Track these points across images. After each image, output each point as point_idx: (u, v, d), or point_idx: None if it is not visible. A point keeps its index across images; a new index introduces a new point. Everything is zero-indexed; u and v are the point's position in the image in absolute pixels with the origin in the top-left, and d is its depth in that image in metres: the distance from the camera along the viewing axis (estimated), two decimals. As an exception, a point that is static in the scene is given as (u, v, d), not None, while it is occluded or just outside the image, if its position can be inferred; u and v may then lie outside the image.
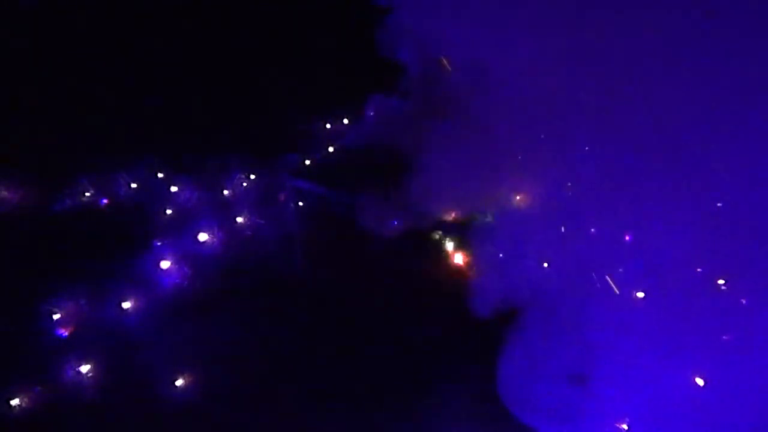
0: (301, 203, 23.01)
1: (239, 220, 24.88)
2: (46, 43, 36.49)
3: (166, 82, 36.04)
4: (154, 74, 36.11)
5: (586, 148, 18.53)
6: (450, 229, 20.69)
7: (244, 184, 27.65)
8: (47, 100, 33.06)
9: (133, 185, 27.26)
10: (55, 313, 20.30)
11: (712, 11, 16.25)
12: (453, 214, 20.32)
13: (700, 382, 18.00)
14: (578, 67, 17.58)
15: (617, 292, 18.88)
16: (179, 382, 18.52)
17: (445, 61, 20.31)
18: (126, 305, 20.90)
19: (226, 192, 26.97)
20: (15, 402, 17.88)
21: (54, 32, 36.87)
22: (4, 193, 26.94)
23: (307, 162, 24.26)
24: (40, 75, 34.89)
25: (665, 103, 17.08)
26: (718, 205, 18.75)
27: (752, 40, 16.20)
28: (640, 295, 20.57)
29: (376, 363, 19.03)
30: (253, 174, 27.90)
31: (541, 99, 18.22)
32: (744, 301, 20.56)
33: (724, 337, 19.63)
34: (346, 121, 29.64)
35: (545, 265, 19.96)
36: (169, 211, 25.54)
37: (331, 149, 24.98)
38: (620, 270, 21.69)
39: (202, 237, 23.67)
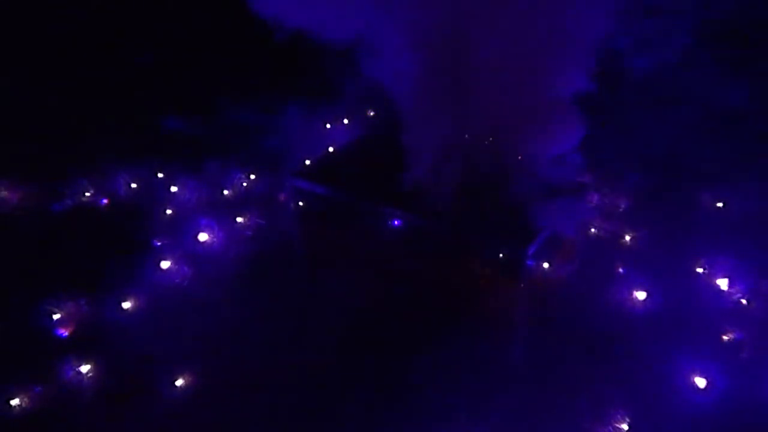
0: (301, 203, 22.97)
1: (239, 220, 24.90)
2: (46, 45, 36.57)
3: (167, 83, 36.15)
4: (154, 75, 36.24)
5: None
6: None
7: (244, 184, 27.72)
8: (47, 102, 33.18)
9: (133, 185, 27.31)
10: (55, 313, 20.30)
11: None
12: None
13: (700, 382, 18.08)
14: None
15: None
16: (179, 382, 18.51)
17: None
18: (126, 305, 20.89)
19: (226, 192, 27.04)
20: (15, 402, 17.87)
21: (54, 34, 36.98)
22: (4, 193, 27.02)
23: (307, 162, 24.24)
24: (40, 76, 35.03)
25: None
26: None
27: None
28: (642, 295, 20.69)
29: (378, 364, 19.03)
30: (253, 174, 28.00)
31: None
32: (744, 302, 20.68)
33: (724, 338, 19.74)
34: (346, 121, 29.69)
35: (546, 265, 19.95)
36: (169, 211, 25.58)
37: (331, 149, 24.97)
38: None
39: (202, 237, 23.67)
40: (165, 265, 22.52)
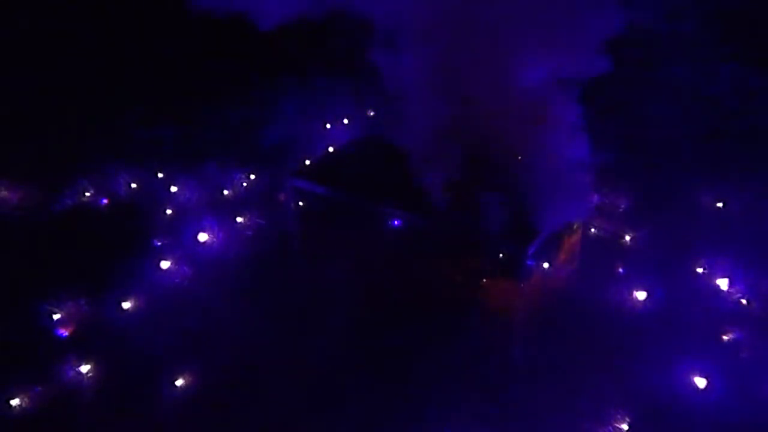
0: (301, 203, 22.98)
1: (239, 220, 24.93)
2: (46, 45, 36.61)
3: (167, 83, 36.19)
4: (155, 76, 36.28)
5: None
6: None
7: (244, 184, 27.76)
8: (47, 102, 33.20)
9: (133, 185, 27.36)
10: (55, 313, 20.31)
11: None
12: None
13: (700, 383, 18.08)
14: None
15: None
16: (179, 382, 18.53)
17: None
18: (126, 305, 20.91)
19: (226, 192, 27.08)
20: (15, 402, 17.88)
21: (54, 35, 37.01)
22: (4, 193, 27.04)
23: (307, 162, 24.25)
24: (40, 76, 35.07)
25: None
26: None
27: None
28: (642, 295, 20.70)
29: (377, 364, 19.05)
30: (253, 174, 28.04)
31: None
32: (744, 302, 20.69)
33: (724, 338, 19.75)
34: (346, 121, 29.69)
35: (545, 265, 19.95)
36: (169, 211, 25.62)
37: (331, 149, 24.97)
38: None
39: (202, 237, 23.69)
40: (165, 265, 22.53)
